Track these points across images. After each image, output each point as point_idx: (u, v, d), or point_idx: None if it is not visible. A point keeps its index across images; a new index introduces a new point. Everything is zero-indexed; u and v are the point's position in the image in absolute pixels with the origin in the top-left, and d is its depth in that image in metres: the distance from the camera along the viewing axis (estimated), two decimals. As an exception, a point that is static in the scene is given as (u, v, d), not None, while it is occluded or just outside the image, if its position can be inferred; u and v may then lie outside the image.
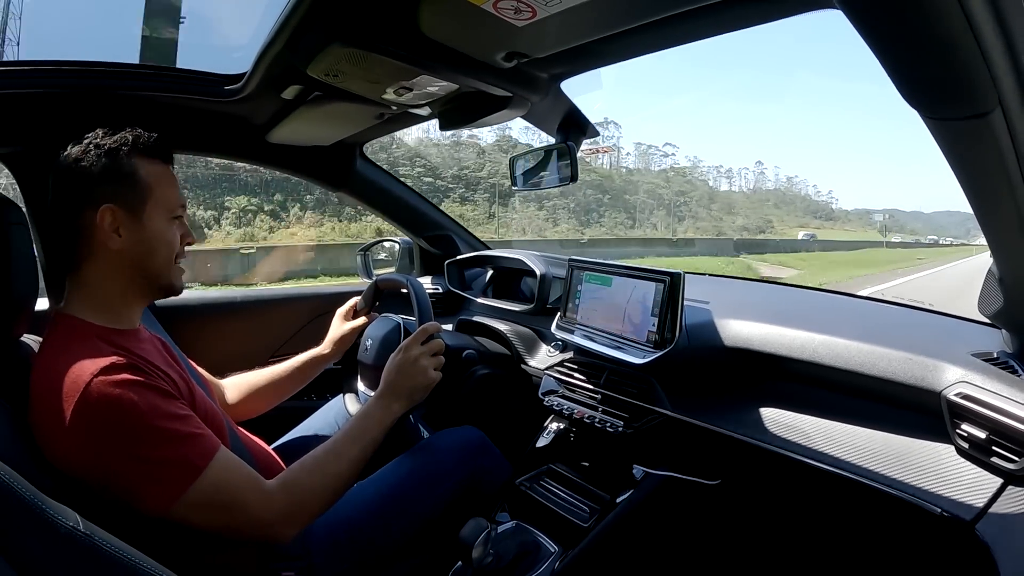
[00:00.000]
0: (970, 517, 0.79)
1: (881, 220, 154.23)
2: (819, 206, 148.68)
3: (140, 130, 0.95)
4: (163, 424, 0.81)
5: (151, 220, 0.94)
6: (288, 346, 1.79)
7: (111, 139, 0.92)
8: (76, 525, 0.52)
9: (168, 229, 0.96)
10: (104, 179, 0.90)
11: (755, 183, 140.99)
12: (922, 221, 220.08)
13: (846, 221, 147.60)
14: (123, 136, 0.93)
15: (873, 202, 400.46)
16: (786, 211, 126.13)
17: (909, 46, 0.53)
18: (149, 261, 0.95)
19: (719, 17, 0.86)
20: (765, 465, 1.05)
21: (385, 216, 1.99)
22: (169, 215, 0.97)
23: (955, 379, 0.87)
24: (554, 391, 1.40)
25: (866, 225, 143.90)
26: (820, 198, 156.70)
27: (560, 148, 1.35)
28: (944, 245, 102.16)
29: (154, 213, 0.94)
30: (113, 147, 0.91)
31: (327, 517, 1.02)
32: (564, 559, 1.11)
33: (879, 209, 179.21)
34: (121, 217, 0.91)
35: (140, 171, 0.93)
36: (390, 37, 0.93)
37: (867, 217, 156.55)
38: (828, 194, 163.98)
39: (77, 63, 1.23)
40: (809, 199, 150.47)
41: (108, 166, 0.91)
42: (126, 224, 0.92)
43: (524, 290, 1.85)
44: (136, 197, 0.92)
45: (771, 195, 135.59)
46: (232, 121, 1.47)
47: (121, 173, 0.91)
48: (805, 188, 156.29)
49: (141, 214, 0.93)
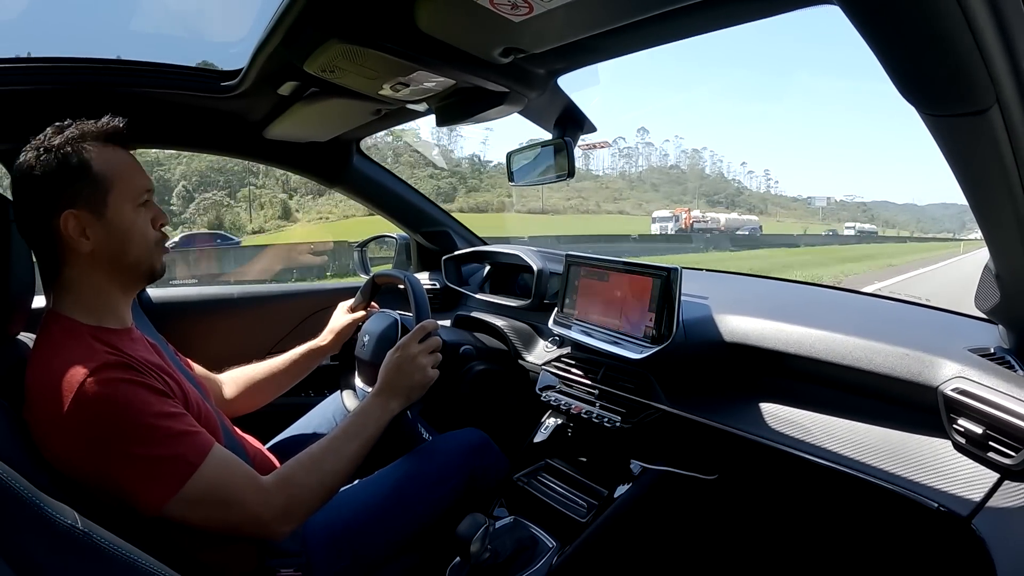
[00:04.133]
0: (967, 512, 0.80)
1: (824, 207, 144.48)
2: (719, 186, 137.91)
3: (88, 121, 0.90)
4: (156, 422, 0.80)
5: (117, 214, 0.89)
6: (285, 343, 1.78)
7: (60, 137, 0.87)
8: (74, 523, 0.52)
9: (137, 217, 0.92)
10: (59, 183, 0.86)
11: (648, 157, 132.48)
12: (915, 213, 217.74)
13: (780, 207, 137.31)
14: (71, 132, 0.88)
15: (859, 192, 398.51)
16: (665, 193, 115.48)
17: (907, 43, 0.53)
18: (126, 254, 0.91)
19: (716, 12, 0.86)
20: (762, 460, 1.05)
21: (382, 212, 1.98)
22: (135, 202, 0.92)
23: (952, 374, 0.87)
24: (551, 386, 1.41)
25: (809, 214, 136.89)
26: (736, 177, 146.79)
27: (557, 143, 1.35)
28: (916, 239, 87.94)
29: (119, 205, 0.90)
30: (62, 146, 0.87)
31: (326, 515, 1.02)
32: (562, 554, 1.11)
33: (823, 196, 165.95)
34: (85, 219, 0.87)
35: (95, 166, 0.88)
36: (387, 33, 0.92)
37: (806, 204, 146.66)
38: (747, 173, 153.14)
39: (73, 59, 1.23)
40: (718, 179, 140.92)
41: (61, 169, 0.86)
42: (92, 224, 0.88)
43: (521, 286, 1.85)
44: (96, 194, 0.88)
45: (662, 175, 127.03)
46: (229, 117, 1.46)
47: (75, 173, 0.87)
48: (718, 165, 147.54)
49: (105, 210, 0.88)
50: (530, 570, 1.09)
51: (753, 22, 0.89)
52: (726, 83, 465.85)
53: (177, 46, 12.59)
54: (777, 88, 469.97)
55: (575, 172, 1.35)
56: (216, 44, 17.98)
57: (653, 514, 1.22)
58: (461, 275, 1.97)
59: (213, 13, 38.59)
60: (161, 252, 0.97)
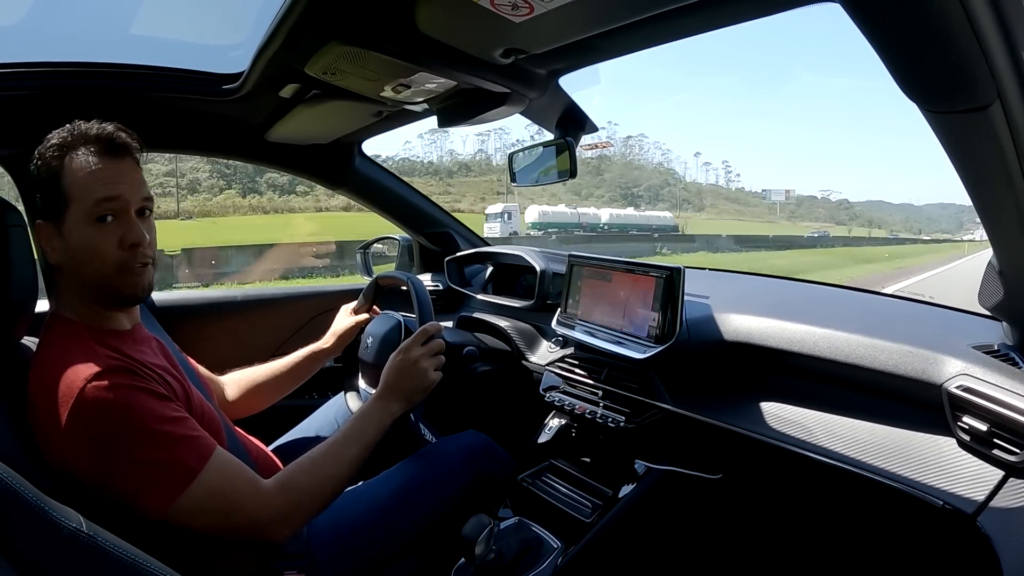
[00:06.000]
0: (971, 510, 0.79)
1: (781, 201, 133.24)
2: (644, 178, 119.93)
3: (80, 122, 0.87)
4: (158, 427, 0.80)
5: (71, 231, 0.84)
6: (288, 345, 1.78)
7: (50, 142, 0.86)
8: (79, 526, 0.52)
9: (93, 236, 0.84)
10: (36, 190, 0.86)
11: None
12: (910, 213, 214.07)
13: (734, 202, 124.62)
14: (59, 135, 0.86)
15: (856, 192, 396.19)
16: (572, 186, 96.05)
17: (908, 40, 0.53)
18: (83, 274, 0.87)
19: (718, 11, 0.86)
20: (766, 459, 1.05)
21: (384, 213, 1.99)
22: (91, 218, 0.84)
23: (956, 372, 0.87)
24: (555, 387, 1.40)
25: (768, 209, 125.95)
26: (682, 169, 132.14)
27: (559, 144, 1.35)
28: (890, 240, 77.95)
29: (74, 221, 0.84)
30: (45, 153, 0.85)
31: (330, 517, 1.02)
32: (567, 555, 1.11)
33: (780, 189, 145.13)
34: (48, 231, 0.86)
35: (64, 176, 0.84)
36: (388, 35, 0.92)
37: (760, 199, 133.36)
38: (702, 165, 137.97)
39: (74, 64, 1.23)
40: (651, 171, 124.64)
41: (37, 176, 0.85)
42: (53, 238, 0.86)
43: (524, 286, 1.85)
44: (56, 206, 0.84)
45: (581, 164, 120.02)
46: (230, 120, 1.47)
47: (45, 183, 0.85)
48: (663, 156, 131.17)
49: (61, 226, 0.85)
50: (535, 571, 1.09)
51: (754, 20, 0.89)
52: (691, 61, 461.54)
53: (176, 49, 12.65)
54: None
55: (576, 172, 1.35)
56: (216, 47, 18.10)
57: (658, 514, 1.22)
58: (464, 276, 1.97)
59: (212, 16, 38.79)
60: (128, 274, 0.88)
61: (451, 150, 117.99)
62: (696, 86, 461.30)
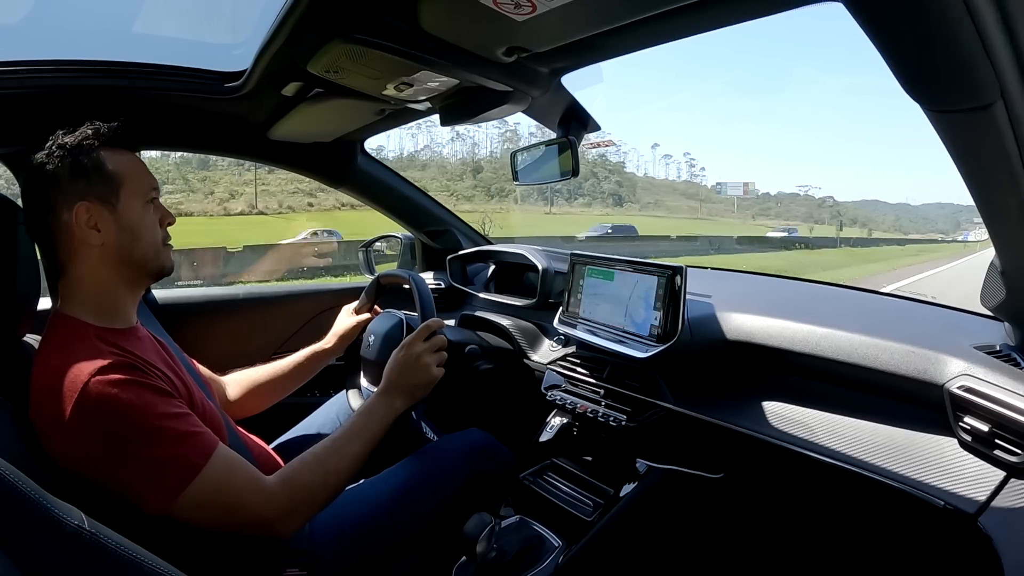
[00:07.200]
0: (973, 510, 0.80)
1: (739, 196, 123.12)
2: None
3: (99, 123, 0.94)
4: (160, 423, 0.81)
5: (127, 208, 0.93)
6: (290, 344, 1.79)
7: (72, 137, 0.91)
8: (82, 524, 0.52)
9: (146, 214, 0.96)
10: (73, 178, 0.89)
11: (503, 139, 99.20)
12: (907, 213, 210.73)
13: (687, 197, 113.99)
14: (83, 132, 0.92)
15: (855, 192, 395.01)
16: (482, 179, 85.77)
17: (911, 38, 0.53)
18: (134, 249, 0.94)
19: (720, 10, 0.86)
20: (768, 458, 1.05)
21: (386, 212, 1.98)
22: (144, 199, 0.96)
23: (957, 372, 0.87)
24: (557, 385, 1.41)
25: (726, 207, 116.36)
26: (633, 162, 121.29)
27: (561, 142, 1.34)
28: (867, 242, 65.56)
29: (129, 201, 0.93)
30: (76, 144, 0.91)
31: (333, 515, 1.02)
32: (568, 553, 1.11)
33: (737, 182, 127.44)
34: (97, 212, 0.90)
35: (107, 163, 0.92)
36: (390, 33, 0.92)
37: (714, 194, 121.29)
38: (662, 158, 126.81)
39: (77, 61, 1.23)
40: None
41: (75, 164, 0.90)
42: (103, 218, 0.91)
43: (526, 285, 1.85)
44: (108, 189, 0.92)
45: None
46: (233, 118, 1.47)
47: (89, 168, 0.91)
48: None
49: (116, 204, 0.92)
50: (536, 569, 1.09)
51: (756, 19, 0.89)
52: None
53: (178, 47, 12.64)
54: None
55: (579, 171, 1.34)
56: (218, 45, 18.04)
57: (659, 513, 1.22)
58: (466, 274, 1.97)
59: (215, 14, 38.54)
60: (168, 251, 1.00)
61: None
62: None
